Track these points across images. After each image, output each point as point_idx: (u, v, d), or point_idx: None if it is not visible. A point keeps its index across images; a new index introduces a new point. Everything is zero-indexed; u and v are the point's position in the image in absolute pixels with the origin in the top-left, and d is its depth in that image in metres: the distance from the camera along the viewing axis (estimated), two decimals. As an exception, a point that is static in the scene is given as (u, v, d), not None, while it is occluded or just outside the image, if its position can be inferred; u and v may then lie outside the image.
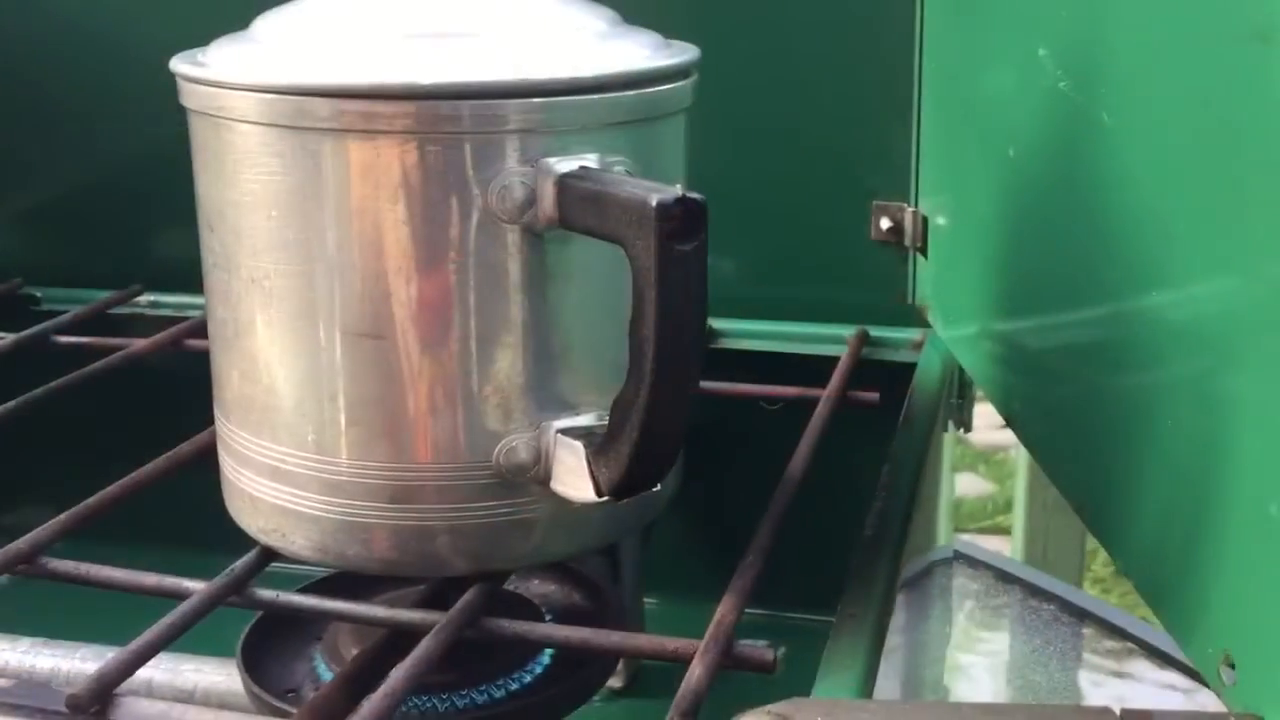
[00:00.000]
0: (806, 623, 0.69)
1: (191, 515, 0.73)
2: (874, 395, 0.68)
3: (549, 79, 0.46)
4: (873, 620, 0.47)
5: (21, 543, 0.53)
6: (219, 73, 0.48)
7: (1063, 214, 0.55)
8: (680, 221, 0.41)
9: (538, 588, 0.64)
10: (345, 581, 0.61)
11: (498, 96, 0.45)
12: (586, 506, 0.49)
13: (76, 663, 0.63)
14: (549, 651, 0.58)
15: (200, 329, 0.80)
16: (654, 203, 0.41)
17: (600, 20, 0.50)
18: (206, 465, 0.59)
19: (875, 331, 0.75)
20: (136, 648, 0.46)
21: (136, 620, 0.48)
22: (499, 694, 0.56)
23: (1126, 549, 0.50)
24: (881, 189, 0.76)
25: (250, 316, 0.49)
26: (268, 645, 0.60)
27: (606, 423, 0.49)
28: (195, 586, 0.51)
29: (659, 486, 0.47)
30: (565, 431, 0.48)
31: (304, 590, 0.62)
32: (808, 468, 0.58)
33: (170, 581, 0.52)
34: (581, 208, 0.44)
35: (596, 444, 0.46)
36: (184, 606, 0.48)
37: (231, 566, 0.51)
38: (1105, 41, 0.50)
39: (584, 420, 0.48)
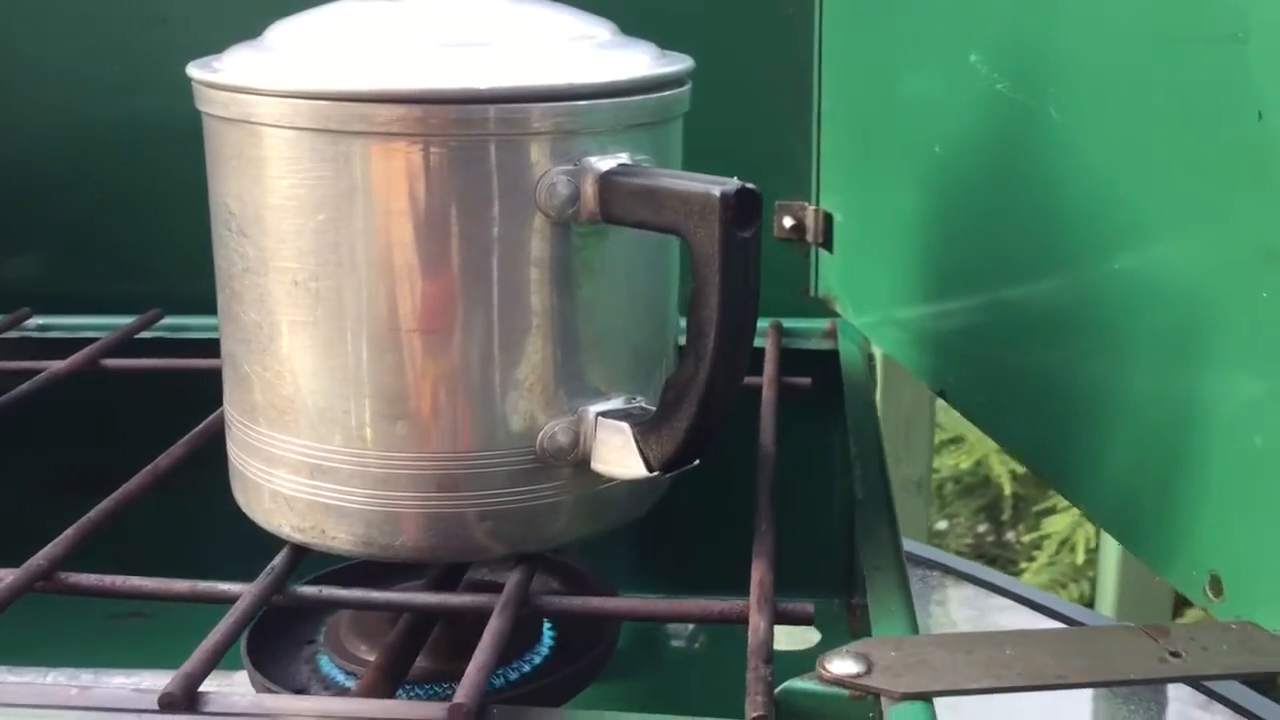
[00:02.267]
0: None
1: (175, 528, 0.73)
2: (806, 380, 0.73)
3: (591, 83, 0.49)
4: (897, 567, 0.51)
5: (40, 558, 0.52)
6: (258, 79, 0.49)
7: (1002, 201, 0.61)
8: (740, 210, 0.45)
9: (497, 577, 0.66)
10: (350, 574, 0.63)
11: (544, 100, 0.48)
12: (614, 486, 0.53)
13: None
14: (549, 638, 0.61)
15: (115, 349, 0.80)
16: (718, 193, 0.45)
17: (603, 29, 0.53)
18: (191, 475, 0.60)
19: (786, 323, 0.80)
20: (212, 646, 0.46)
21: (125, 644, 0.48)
22: (514, 677, 0.59)
23: (1092, 493, 0.56)
24: (783, 190, 0.82)
25: (292, 318, 0.50)
26: (268, 643, 0.61)
27: (637, 405, 0.52)
28: (234, 589, 0.52)
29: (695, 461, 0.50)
30: (605, 414, 0.51)
31: (313, 580, 0.63)
32: (777, 445, 0.62)
33: (205, 586, 0.52)
34: (630, 202, 0.48)
35: (643, 423, 0.49)
36: (239, 606, 0.49)
37: (271, 565, 0.52)
38: (1053, 47, 0.56)
39: (616, 404, 0.52)
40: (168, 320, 0.85)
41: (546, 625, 0.61)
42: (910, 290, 0.71)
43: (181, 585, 0.52)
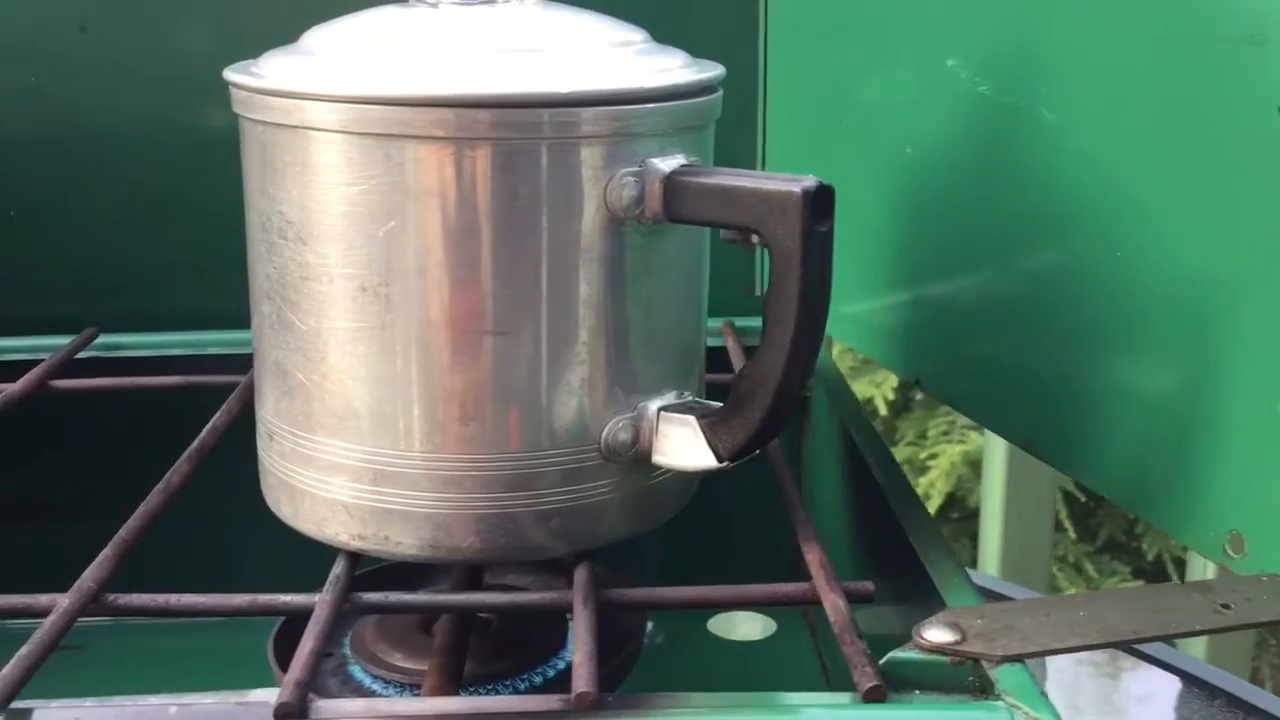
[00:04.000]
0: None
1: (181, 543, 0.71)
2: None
3: (654, 87, 0.50)
4: (941, 543, 0.54)
5: (87, 580, 0.51)
6: (327, 86, 0.49)
7: (988, 199, 0.64)
8: (818, 206, 0.47)
9: (516, 580, 0.67)
10: (372, 580, 0.62)
11: (615, 103, 0.49)
12: (664, 481, 0.54)
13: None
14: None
15: (63, 370, 0.77)
16: (799, 190, 0.47)
17: (637, 35, 0.55)
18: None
19: (737, 322, 0.82)
20: (308, 653, 0.46)
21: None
22: (538, 681, 0.59)
23: (1096, 468, 0.60)
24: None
25: (359, 324, 0.50)
26: (290, 648, 0.60)
27: (689, 399, 0.54)
28: (296, 599, 0.51)
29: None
30: (667, 409, 0.52)
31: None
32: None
33: (265, 599, 0.52)
34: (700, 201, 0.49)
35: (711, 415, 0.51)
36: (319, 615, 0.49)
37: (334, 574, 0.52)
38: (1045, 52, 0.60)
39: (670, 398, 0.53)
40: (101, 339, 0.83)
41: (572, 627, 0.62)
42: (875, 286, 0.74)
43: (240, 599, 0.52)
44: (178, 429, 0.72)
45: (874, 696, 0.44)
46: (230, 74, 0.52)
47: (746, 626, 0.88)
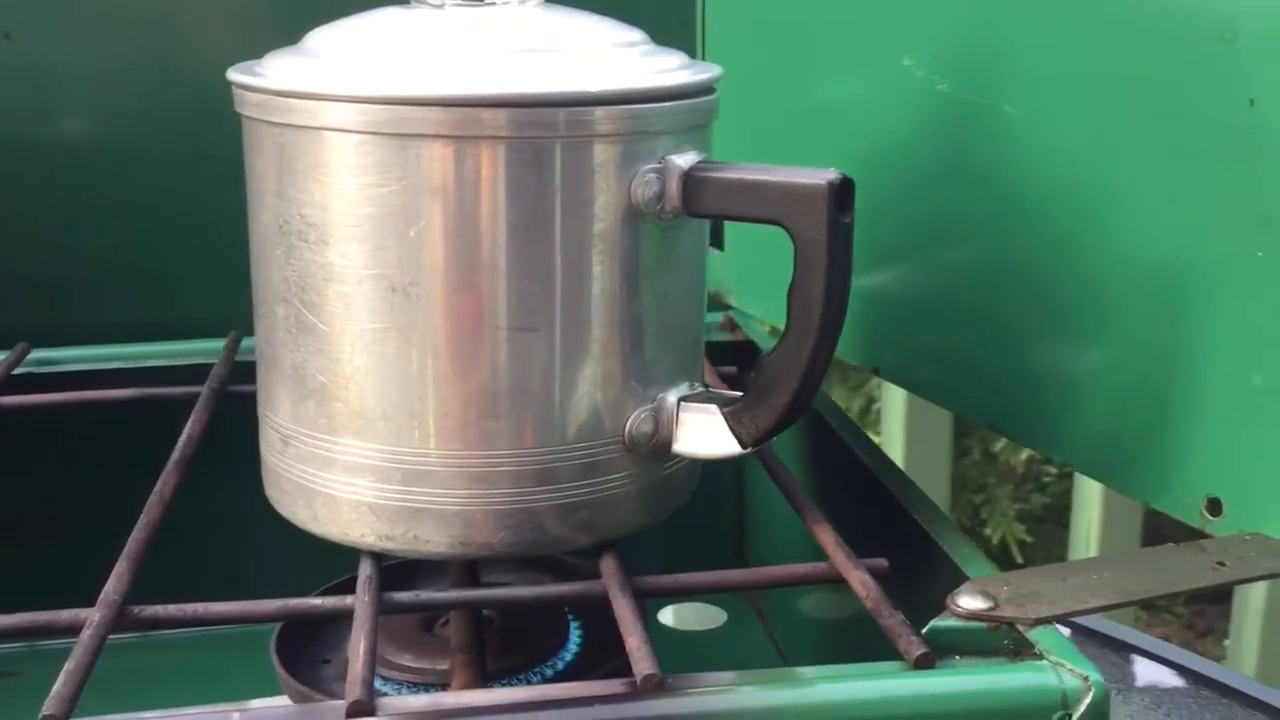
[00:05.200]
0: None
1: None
2: (733, 369, 0.78)
3: (674, 85, 0.52)
4: (944, 518, 0.57)
5: (111, 594, 0.50)
6: (353, 87, 0.49)
7: (947, 191, 0.67)
8: (842, 198, 0.49)
9: (505, 578, 0.67)
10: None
11: (637, 102, 0.51)
12: (677, 471, 0.56)
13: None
14: (576, 637, 0.63)
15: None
16: (825, 183, 0.49)
17: (636, 35, 0.56)
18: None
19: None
20: (363, 653, 0.46)
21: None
22: (549, 673, 0.60)
23: (1067, 442, 0.63)
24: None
25: (386, 324, 0.50)
26: (294, 649, 0.60)
27: (700, 389, 0.55)
28: (329, 603, 0.51)
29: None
30: (686, 399, 0.54)
31: (325, 591, 0.63)
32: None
33: (295, 603, 0.52)
34: (721, 195, 0.51)
35: (733, 403, 0.53)
36: (361, 617, 0.49)
37: (366, 576, 0.52)
38: (1008, 53, 0.63)
39: (684, 389, 0.55)
40: (34, 354, 0.81)
41: (573, 623, 0.63)
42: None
43: (269, 605, 0.51)
44: (128, 443, 0.71)
45: (924, 663, 0.46)
46: (241, 76, 0.52)
47: (696, 616, 0.90)
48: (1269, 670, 1.37)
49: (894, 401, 1.65)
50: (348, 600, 0.51)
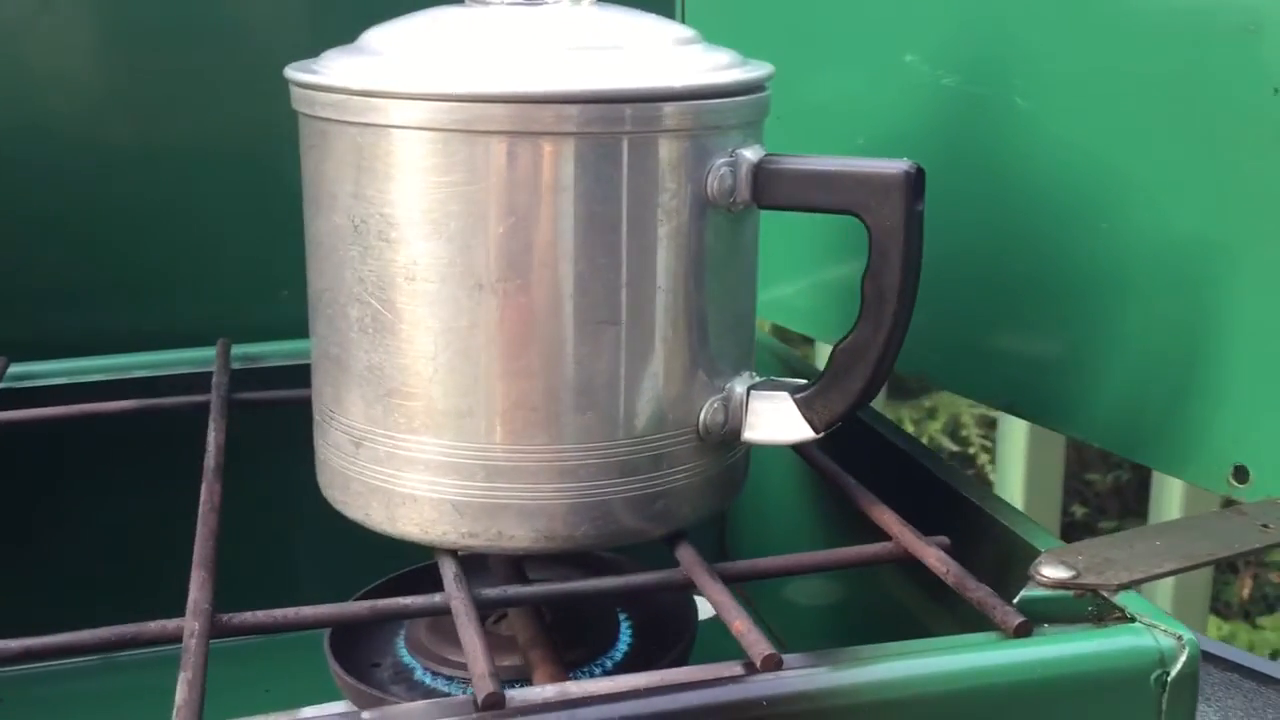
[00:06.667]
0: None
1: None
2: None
3: (742, 80, 0.53)
4: (992, 495, 0.59)
5: (201, 602, 0.49)
6: (439, 84, 0.49)
7: (953, 180, 0.69)
8: (917, 187, 0.51)
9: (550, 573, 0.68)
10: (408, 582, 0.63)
11: (713, 97, 0.52)
12: (738, 459, 0.57)
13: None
14: (626, 632, 0.63)
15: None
16: (901, 172, 0.50)
17: (689, 32, 0.57)
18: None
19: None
20: (483, 650, 0.46)
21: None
22: (608, 665, 0.61)
23: (1087, 420, 0.66)
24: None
25: (472, 321, 0.50)
26: (344, 655, 0.60)
27: (761, 378, 0.57)
28: (415, 602, 0.51)
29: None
30: (755, 387, 0.55)
31: (365, 595, 0.62)
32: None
33: (384, 603, 0.51)
34: (794, 186, 0.52)
35: (805, 390, 0.54)
36: (464, 613, 0.49)
37: (452, 574, 0.52)
38: (1022, 46, 0.65)
39: (747, 378, 0.56)
40: (14, 369, 0.78)
41: (623, 620, 0.64)
42: (822, 270, 0.79)
43: (360, 607, 0.51)
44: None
45: (1023, 632, 0.48)
46: (311, 76, 0.52)
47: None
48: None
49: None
50: (436, 598, 0.51)
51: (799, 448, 0.64)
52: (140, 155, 0.82)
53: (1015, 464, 1.45)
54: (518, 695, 0.44)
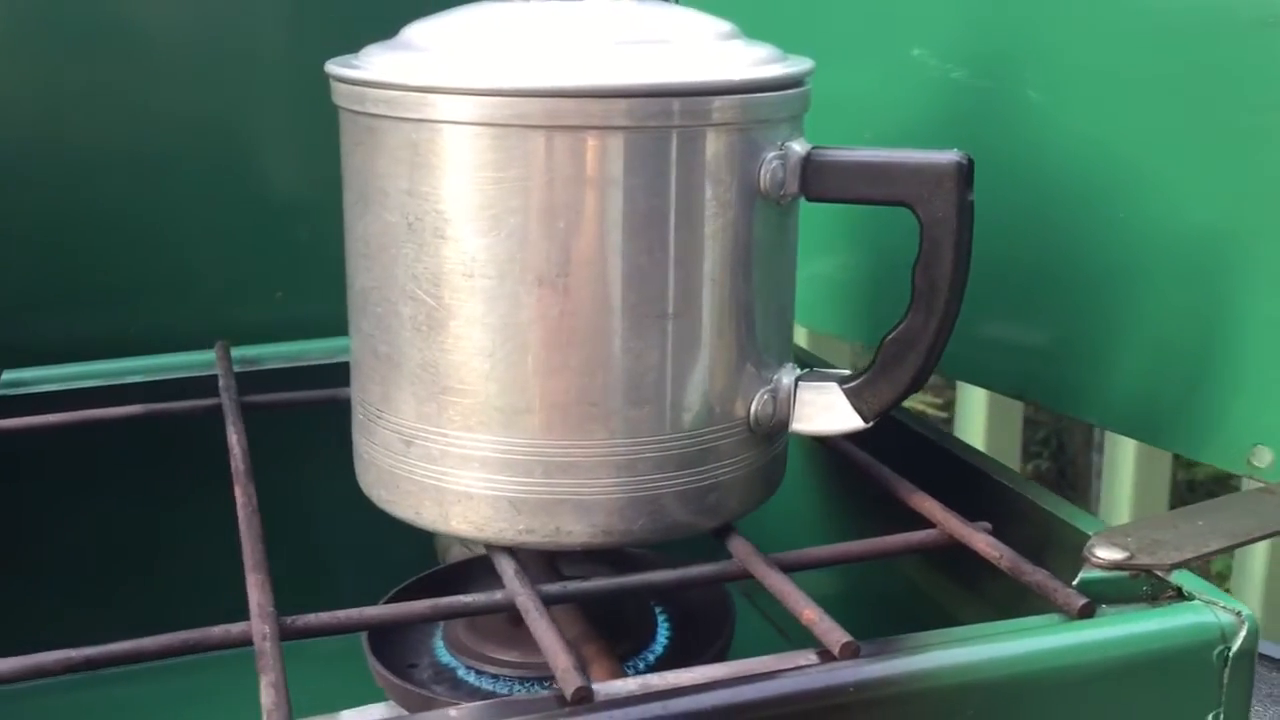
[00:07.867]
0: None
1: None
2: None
3: (790, 74, 0.53)
4: (1023, 478, 0.60)
5: (265, 605, 0.48)
6: (502, 79, 0.49)
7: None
8: (969, 177, 0.52)
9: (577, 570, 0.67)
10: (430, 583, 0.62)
11: (765, 90, 0.52)
12: (781, 451, 0.57)
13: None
14: (665, 627, 0.63)
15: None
16: (954, 163, 0.51)
17: (729, 26, 0.57)
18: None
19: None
20: (562, 645, 0.46)
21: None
22: (651, 659, 0.61)
23: (1103, 406, 0.67)
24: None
25: (531, 316, 0.50)
26: (385, 652, 0.59)
27: (806, 370, 0.57)
28: (477, 599, 0.51)
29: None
30: (802, 378, 0.55)
31: (394, 596, 0.62)
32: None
33: (446, 602, 0.51)
34: (845, 178, 0.53)
35: (853, 380, 0.54)
36: (534, 608, 0.49)
37: (513, 569, 0.52)
38: (1036, 41, 0.66)
39: (791, 370, 0.56)
40: (6, 375, 0.76)
41: (661, 617, 0.64)
42: (827, 264, 0.79)
43: (421, 606, 0.51)
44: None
45: (1088, 613, 0.49)
46: (360, 73, 0.51)
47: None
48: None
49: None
50: (498, 595, 0.51)
51: (828, 439, 0.64)
52: (127, 160, 0.80)
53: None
54: (602, 689, 0.44)
